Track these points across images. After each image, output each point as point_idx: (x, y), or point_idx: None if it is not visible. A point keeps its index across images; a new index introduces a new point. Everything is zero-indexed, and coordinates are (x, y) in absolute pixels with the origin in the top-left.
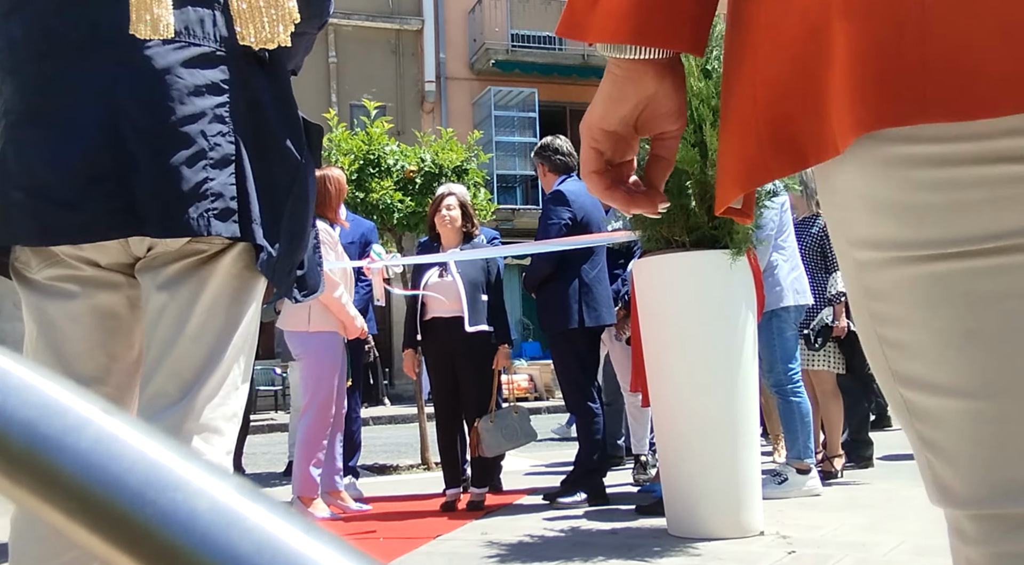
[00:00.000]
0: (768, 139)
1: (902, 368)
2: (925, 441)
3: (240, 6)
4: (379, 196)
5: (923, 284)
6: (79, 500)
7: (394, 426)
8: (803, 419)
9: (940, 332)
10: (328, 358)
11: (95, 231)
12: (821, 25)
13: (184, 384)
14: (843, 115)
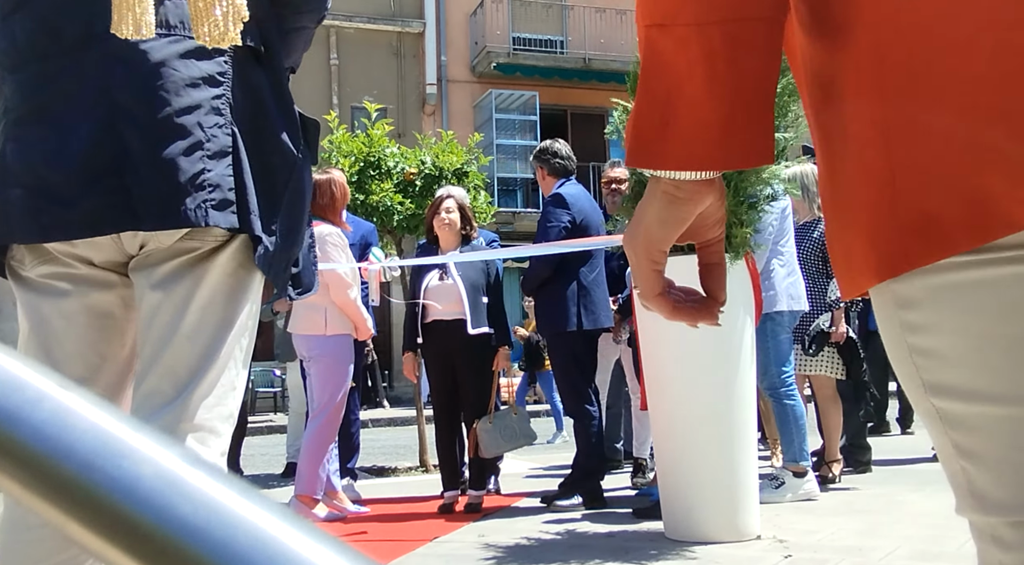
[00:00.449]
0: (910, 228)
1: (935, 377)
2: (961, 450)
3: (197, 4)
4: (379, 198)
5: (963, 290)
6: (32, 468)
7: (393, 428)
8: (797, 422)
9: (981, 338)
10: (344, 360)
11: (92, 226)
12: (981, 107)
13: (179, 383)
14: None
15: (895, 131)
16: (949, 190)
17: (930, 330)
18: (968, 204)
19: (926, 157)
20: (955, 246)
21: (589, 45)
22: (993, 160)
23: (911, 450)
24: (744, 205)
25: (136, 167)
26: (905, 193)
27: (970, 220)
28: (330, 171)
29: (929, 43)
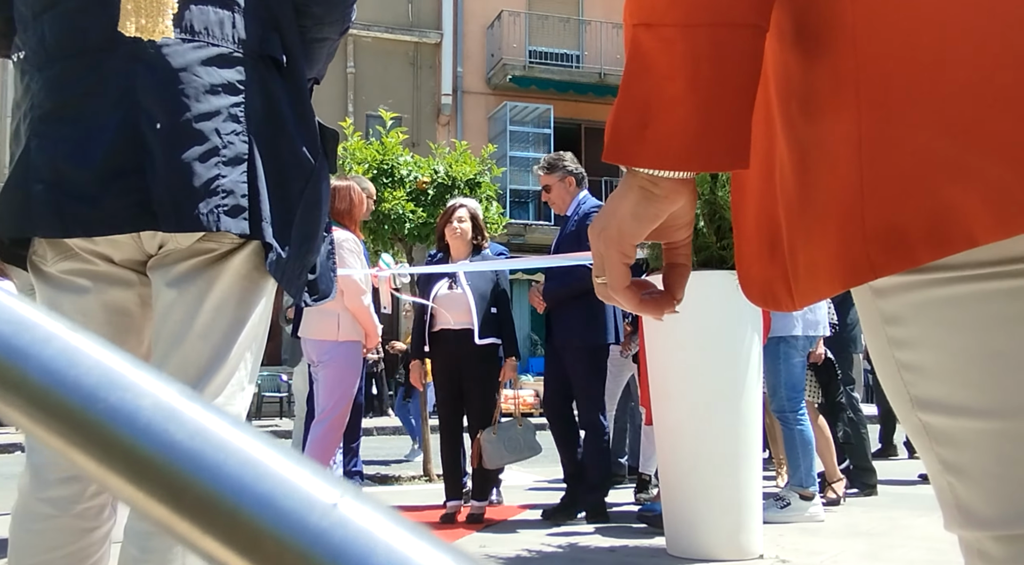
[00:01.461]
0: (876, 238)
1: (921, 392)
2: (947, 464)
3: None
4: (391, 206)
5: (943, 306)
6: (41, 401)
7: (397, 437)
8: (805, 447)
9: (962, 353)
10: (353, 367)
11: (112, 225)
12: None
13: (188, 381)
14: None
15: (868, 144)
16: (915, 204)
17: (915, 345)
18: (932, 218)
19: (895, 171)
20: (916, 258)
21: (605, 60)
22: (960, 177)
23: (918, 474)
24: None
25: (154, 169)
26: (873, 205)
27: (932, 234)
28: (351, 178)
29: (906, 59)
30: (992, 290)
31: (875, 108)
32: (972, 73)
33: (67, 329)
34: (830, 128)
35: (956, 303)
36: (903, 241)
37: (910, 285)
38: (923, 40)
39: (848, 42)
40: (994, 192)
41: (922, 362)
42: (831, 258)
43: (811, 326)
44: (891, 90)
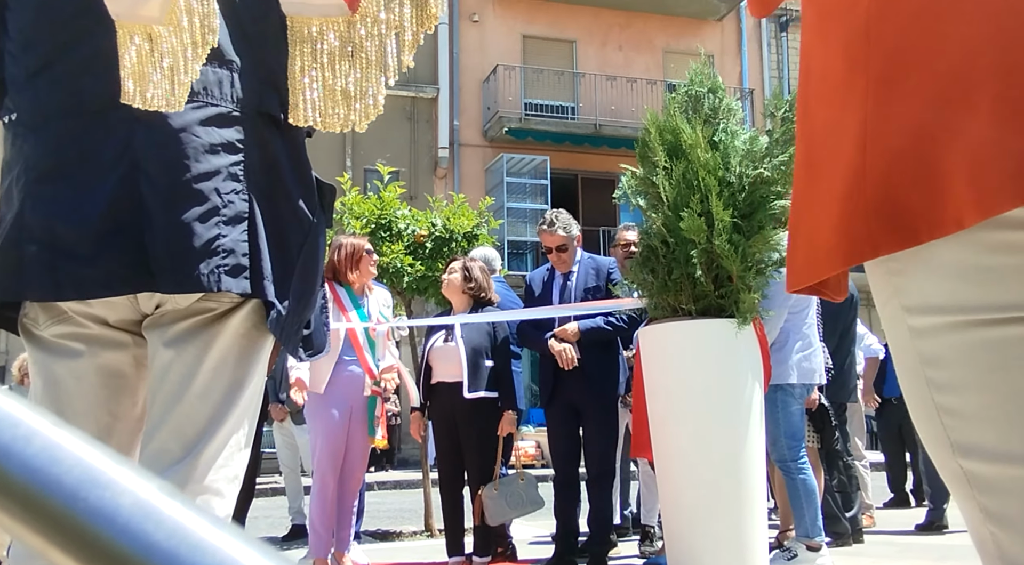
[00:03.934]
0: (879, 216)
1: (963, 437)
2: (989, 514)
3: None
4: (390, 259)
5: (988, 348)
6: (22, 499)
7: (399, 491)
8: (809, 496)
9: (1007, 397)
10: (315, 419)
11: (108, 286)
12: (946, 102)
13: (187, 442)
14: (972, 192)
15: (872, 121)
16: (912, 177)
17: (957, 388)
18: (928, 194)
19: (896, 148)
20: (918, 237)
21: (600, 111)
22: (949, 148)
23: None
24: (752, 271)
25: (153, 229)
26: (875, 182)
27: (930, 213)
28: (341, 237)
29: (910, 40)
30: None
31: (880, 86)
32: (963, 52)
33: (50, 425)
34: (840, 109)
35: (1002, 345)
36: (904, 217)
37: (953, 326)
38: (925, 22)
39: (862, 28)
40: (977, 171)
41: (964, 406)
42: (832, 235)
43: (807, 374)
44: (895, 69)
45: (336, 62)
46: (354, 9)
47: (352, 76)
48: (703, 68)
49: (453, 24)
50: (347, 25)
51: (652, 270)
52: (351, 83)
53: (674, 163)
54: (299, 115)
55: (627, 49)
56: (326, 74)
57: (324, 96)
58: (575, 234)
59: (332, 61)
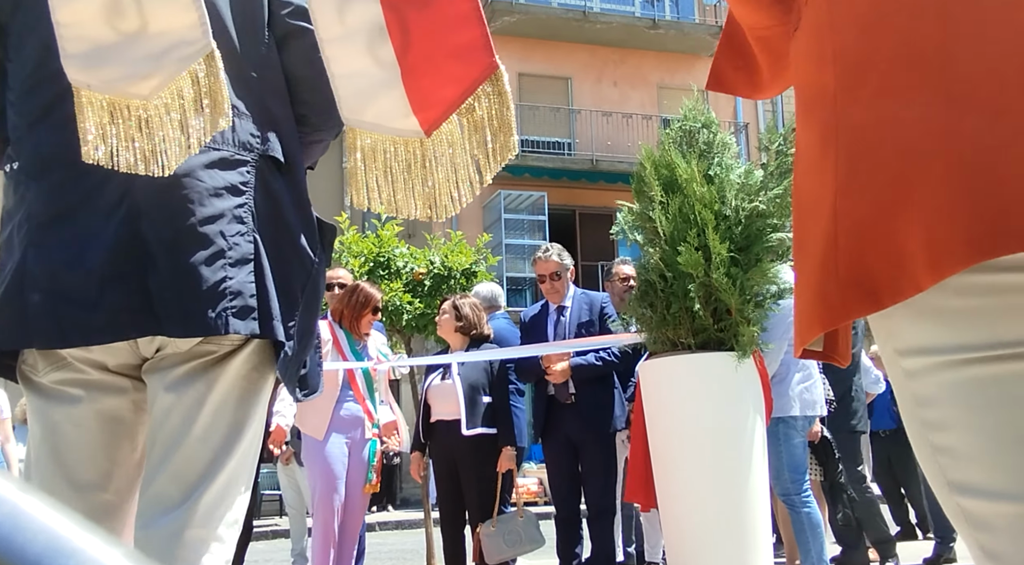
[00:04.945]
0: (848, 284)
1: (957, 476)
2: (986, 551)
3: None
4: (388, 298)
5: (971, 387)
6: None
7: (400, 532)
8: (814, 530)
9: (992, 436)
10: (315, 462)
11: (112, 331)
12: (908, 166)
13: (187, 487)
14: (926, 258)
15: (840, 194)
16: (876, 250)
17: (948, 428)
18: (890, 264)
19: (861, 220)
20: (881, 303)
21: (596, 147)
22: (906, 222)
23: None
24: (750, 304)
25: (158, 273)
26: (845, 251)
27: (892, 281)
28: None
29: (870, 120)
30: (1017, 371)
31: (847, 163)
32: (916, 132)
33: (16, 490)
34: (818, 183)
35: (987, 383)
36: (870, 284)
37: (938, 366)
38: (883, 106)
39: (830, 104)
40: (930, 237)
41: (955, 445)
42: (812, 299)
43: (808, 406)
44: (859, 148)
45: (405, 169)
46: (428, 133)
47: (426, 181)
48: (696, 104)
49: None
50: (419, 143)
51: (651, 304)
52: (425, 185)
53: (670, 198)
54: (362, 200)
55: (622, 85)
56: (394, 176)
57: (395, 190)
58: (568, 264)
59: (404, 168)
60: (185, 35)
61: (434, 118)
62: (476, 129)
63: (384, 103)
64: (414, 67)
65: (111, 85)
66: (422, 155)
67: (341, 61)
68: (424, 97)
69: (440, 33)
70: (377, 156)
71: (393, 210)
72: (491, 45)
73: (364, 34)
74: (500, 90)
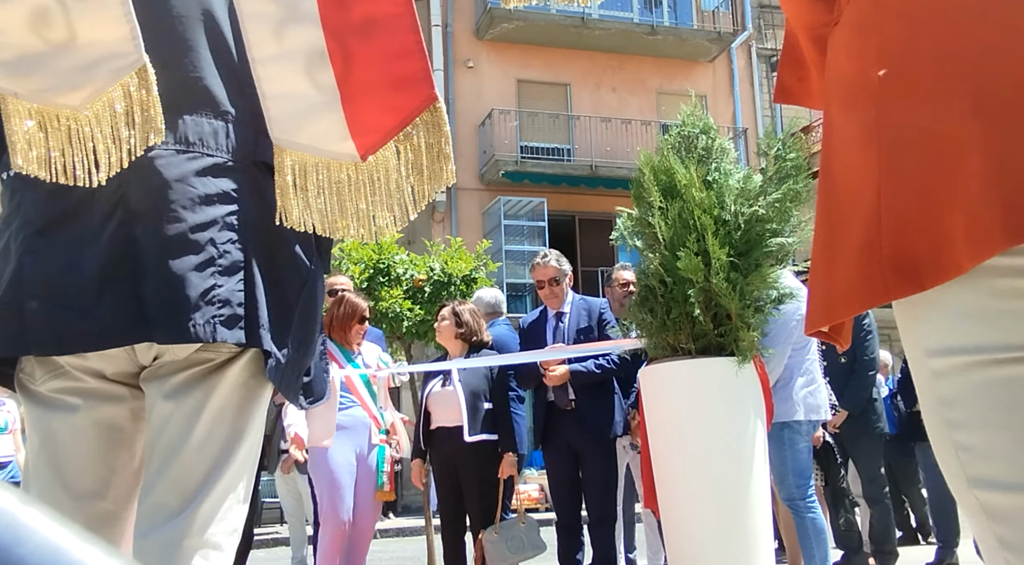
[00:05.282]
0: (892, 265)
1: (977, 471)
2: (1004, 542)
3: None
4: (388, 304)
5: (997, 386)
6: None
7: (401, 539)
8: (819, 535)
9: (1015, 433)
10: (318, 472)
11: (106, 338)
12: (948, 163)
13: (186, 496)
14: (967, 241)
15: (885, 185)
16: (920, 235)
17: (970, 426)
18: (933, 248)
19: (906, 207)
20: (923, 283)
21: (595, 153)
22: (949, 209)
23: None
24: (750, 309)
25: (149, 281)
26: (889, 239)
27: (934, 263)
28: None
29: (910, 119)
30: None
31: (889, 156)
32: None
33: (17, 502)
34: (858, 176)
35: (1008, 384)
36: (913, 268)
37: (965, 366)
38: (920, 100)
39: (872, 102)
40: (971, 223)
41: (978, 442)
42: (851, 282)
43: (813, 410)
44: (902, 139)
45: (337, 191)
46: (364, 158)
47: (359, 202)
48: (695, 109)
49: (448, 70)
50: (354, 167)
51: (651, 310)
52: (358, 207)
53: (669, 203)
54: (294, 218)
55: (621, 91)
56: (327, 196)
57: (328, 209)
58: (566, 270)
59: (336, 189)
60: (116, 48)
61: (371, 144)
62: (413, 156)
63: (320, 126)
64: (354, 94)
65: (40, 95)
66: (357, 178)
67: (274, 81)
68: (363, 123)
69: (382, 63)
70: (309, 175)
71: (325, 229)
72: (431, 78)
73: (303, 57)
74: (438, 121)
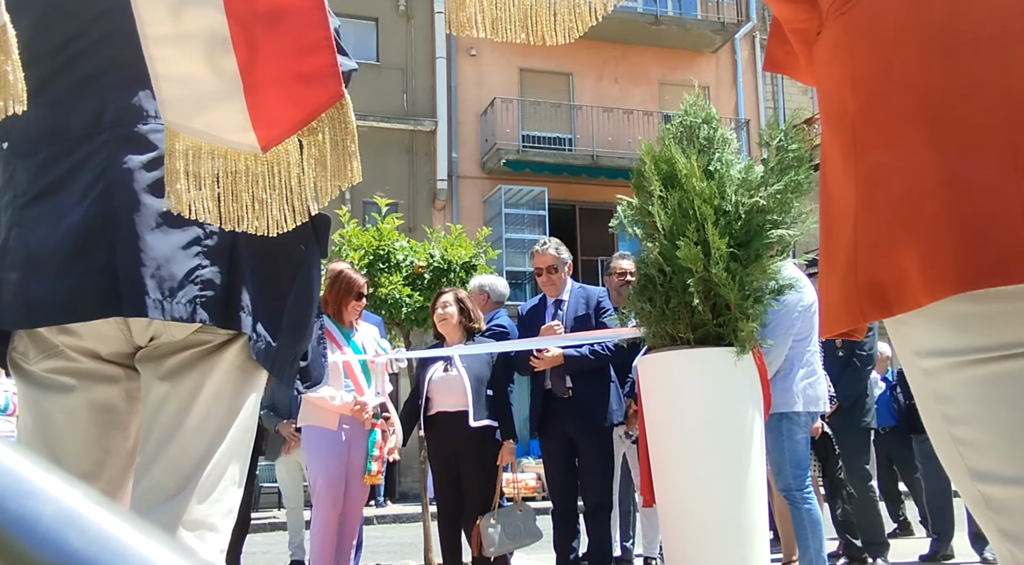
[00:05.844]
0: (864, 291)
1: (977, 464)
2: (1006, 534)
3: None
4: (388, 291)
5: (984, 383)
6: None
7: (398, 525)
8: (814, 527)
9: (1006, 426)
10: (316, 451)
11: (78, 309)
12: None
13: (181, 477)
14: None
15: (859, 211)
16: (886, 264)
17: (967, 421)
18: (897, 278)
19: (874, 235)
20: (890, 310)
21: (597, 142)
22: (908, 246)
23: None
24: (750, 299)
25: (129, 255)
26: (863, 265)
27: (898, 292)
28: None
29: (883, 150)
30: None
31: (865, 183)
32: (919, 168)
33: (68, 489)
34: (841, 191)
35: (997, 380)
36: (882, 294)
37: (953, 365)
38: (891, 150)
39: (849, 127)
40: (926, 266)
41: (974, 437)
42: (837, 300)
43: (812, 402)
44: (874, 169)
45: (233, 180)
46: (265, 150)
47: (255, 194)
48: (697, 99)
49: (451, 58)
50: (254, 157)
51: (650, 299)
52: (254, 198)
53: (670, 192)
54: (183, 204)
55: (623, 81)
56: (222, 184)
57: (222, 198)
58: (565, 258)
59: (231, 178)
60: None
61: (274, 136)
62: (317, 152)
63: (219, 114)
64: (258, 84)
65: None
66: (256, 169)
67: (168, 62)
68: (266, 115)
69: (289, 56)
70: (203, 162)
71: (216, 218)
72: (340, 74)
73: (202, 41)
74: (345, 118)
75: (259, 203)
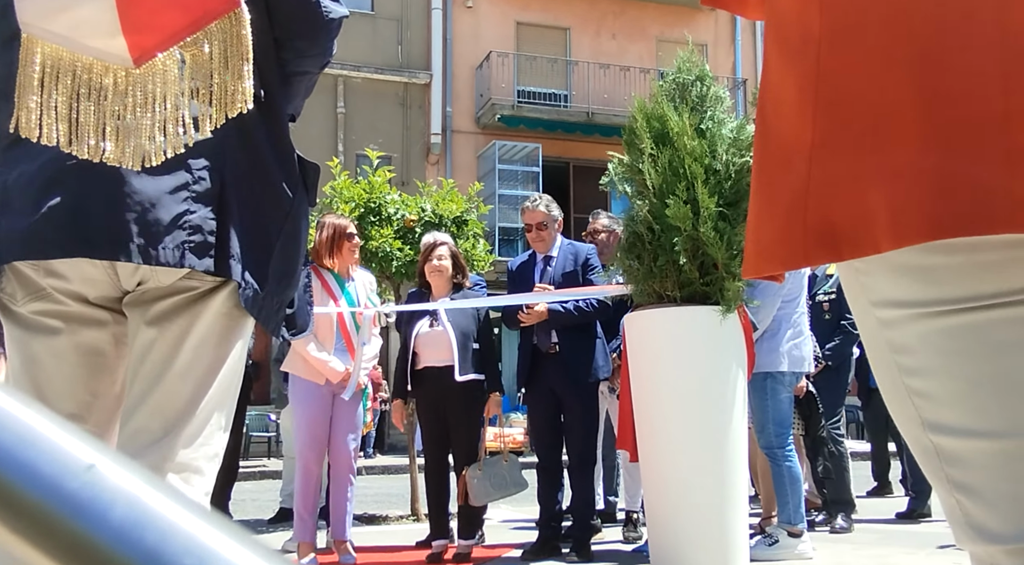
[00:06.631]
0: (813, 232)
1: (932, 416)
2: (956, 484)
3: None
4: (378, 244)
5: (947, 335)
6: None
7: (386, 476)
8: (793, 483)
9: (967, 379)
10: (302, 403)
11: (39, 246)
12: (883, 140)
13: (168, 421)
14: (889, 226)
15: (817, 149)
16: (846, 206)
17: (924, 373)
18: (855, 221)
19: (834, 172)
20: (840, 255)
21: (592, 99)
22: (877, 185)
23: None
24: (737, 259)
25: (114, 199)
26: (815, 200)
27: (853, 237)
28: (326, 217)
29: (854, 78)
30: (995, 318)
31: (827, 117)
32: (891, 104)
33: (21, 406)
34: (791, 126)
35: (961, 332)
36: (833, 237)
37: (912, 317)
38: (863, 70)
39: (812, 52)
40: (894, 206)
41: (932, 389)
42: (775, 242)
43: (797, 362)
44: (840, 103)
45: (97, 99)
46: (139, 63)
47: (122, 117)
48: (691, 56)
49: (447, 10)
50: (125, 72)
51: (638, 256)
52: (120, 122)
53: (660, 150)
54: (32, 127)
55: (620, 38)
56: (81, 103)
57: (78, 121)
58: (556, 215)
59: (96, 97)
60: None
61: (149, 45)
62: (200, 69)
63: (83, 13)
64: None
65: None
66: (125, 87)
67: None
68: (140, 17)
69: None
70: (62, 77)
71: (67, 145)
72: None
73: None
74: (239, 32)
75: (123, 129)
